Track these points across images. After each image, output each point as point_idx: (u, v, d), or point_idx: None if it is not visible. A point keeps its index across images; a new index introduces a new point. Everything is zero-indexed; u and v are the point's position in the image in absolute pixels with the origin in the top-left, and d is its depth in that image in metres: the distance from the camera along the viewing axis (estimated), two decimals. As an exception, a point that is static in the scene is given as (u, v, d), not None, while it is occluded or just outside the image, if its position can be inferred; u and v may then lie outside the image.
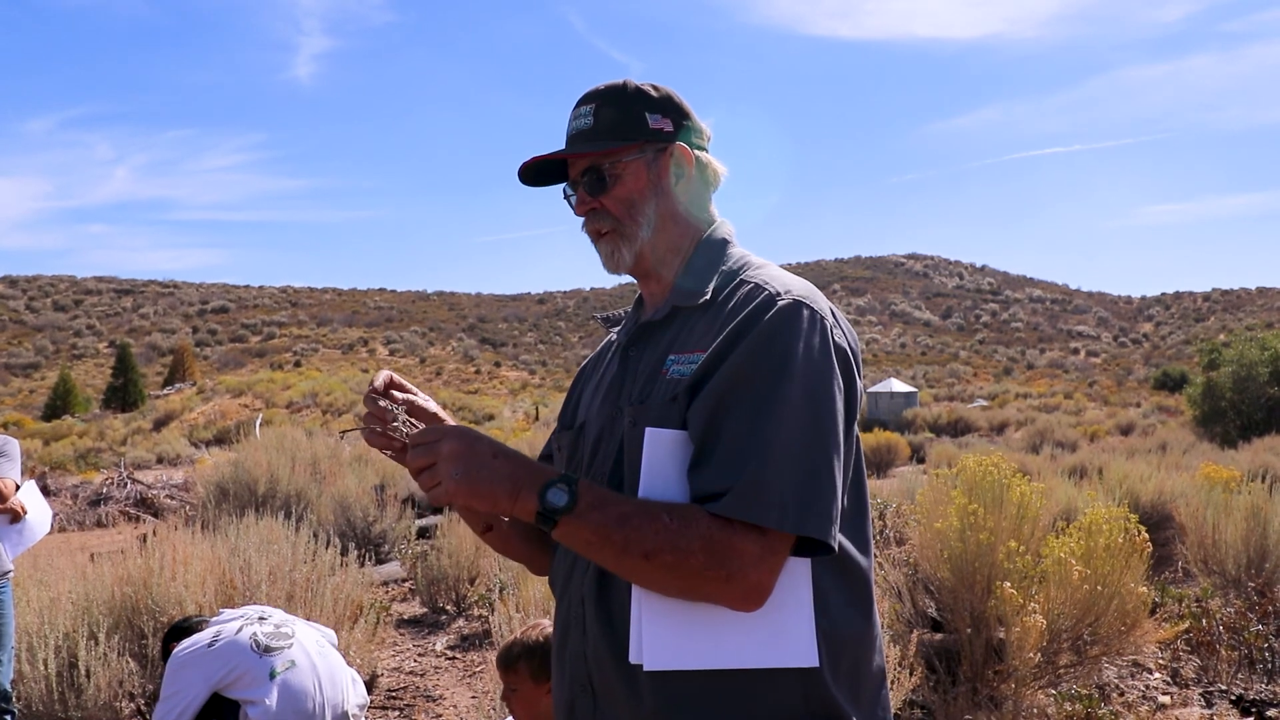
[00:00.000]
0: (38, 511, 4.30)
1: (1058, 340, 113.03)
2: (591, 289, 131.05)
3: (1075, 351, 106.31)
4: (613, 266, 1.55)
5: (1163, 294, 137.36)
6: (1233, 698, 4.62)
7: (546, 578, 1.67)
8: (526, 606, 4.64)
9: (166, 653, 3.61)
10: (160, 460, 25.27)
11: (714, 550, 1.25)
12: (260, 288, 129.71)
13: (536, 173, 1.57)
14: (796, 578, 1.32)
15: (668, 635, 1.30)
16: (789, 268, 1.54)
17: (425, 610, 6.91)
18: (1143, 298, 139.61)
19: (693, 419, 1.34)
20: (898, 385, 42.31)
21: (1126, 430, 30.90)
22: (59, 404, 47.29)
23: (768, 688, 1.33)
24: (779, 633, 1.30)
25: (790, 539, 1.28)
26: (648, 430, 1.35)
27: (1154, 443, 19.90)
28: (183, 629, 3.63)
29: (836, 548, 1.30)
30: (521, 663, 2.70)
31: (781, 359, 1.32)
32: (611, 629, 1.39)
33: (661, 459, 1.34)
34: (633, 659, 1.32)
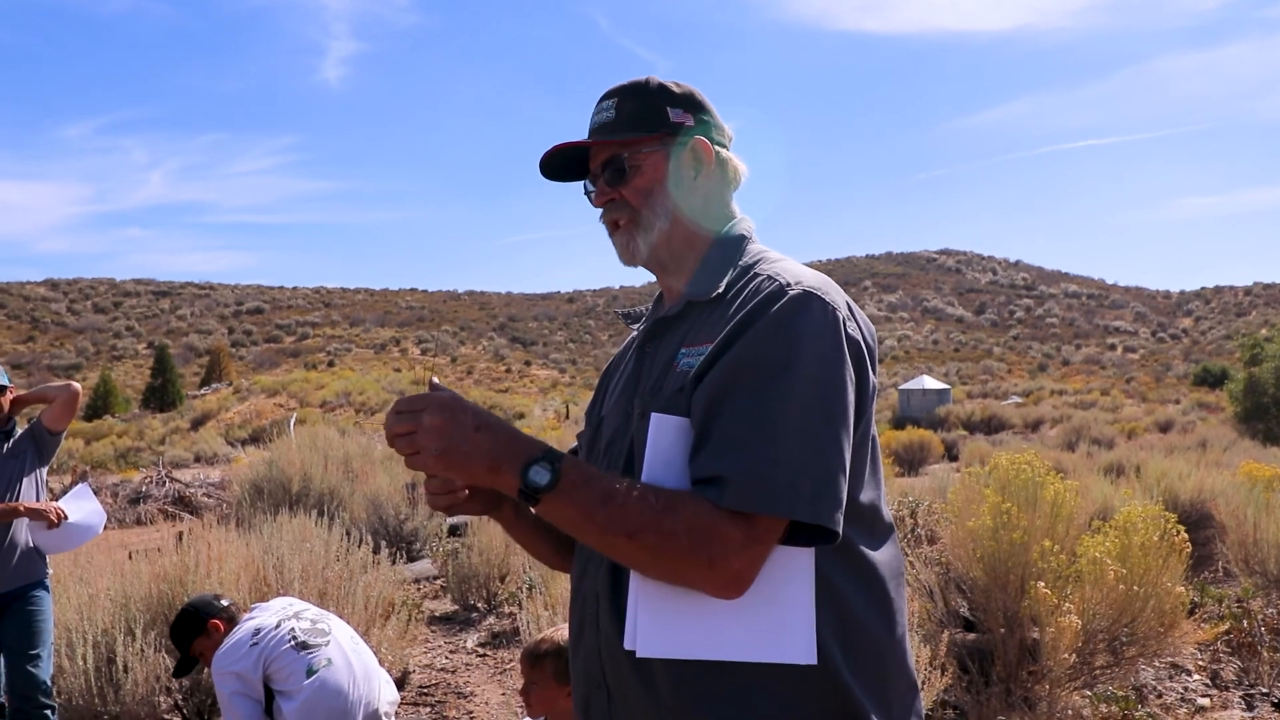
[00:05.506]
0: (87, 514, 4.36)
1: (1094, 336, 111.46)
2: (621, 287, 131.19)
3: (1112, 347, 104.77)
4: (628, 258, 1.55)
5: (1202, 288, 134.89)
6: (1275, 701, 4.52)
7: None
8: (555, 605, 4.66)
9: (180, 633, 3.63)
10: (198, 459, 25.66)
11: (697, 534, 1.23)
12: (294, 289, 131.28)
13: (559, 168, 1.58)
14: (798, 570, 1.30)
15: (662, 623, 1.29)
16: (818, 264, 1.52)
17: (456, 607, 6.95)
18: (1181, 292, 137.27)
19: (694, 405, 1.33)
20: (930, 382, 41.97)
21: (1165, 427, 30.42)
22: (100, 404, 48.18)
23: (786, 685, 1.31)
24: (776, 627, 1.28)
25: (778, 528, 1.26)
26: (653, 415, 1.35)
27: (1194, 440, 19.58)
28: (197, 613, 3.64)
29: (840, 536, 1.28)
30: (548, 660, 2.72)
31: (789, 348, 1.30)
32: (624, 624, 1.38)
33: (666, 445, 1.33)
34: (626, 645, 1.32)
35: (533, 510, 1.29)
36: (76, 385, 4.48)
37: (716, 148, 1.54)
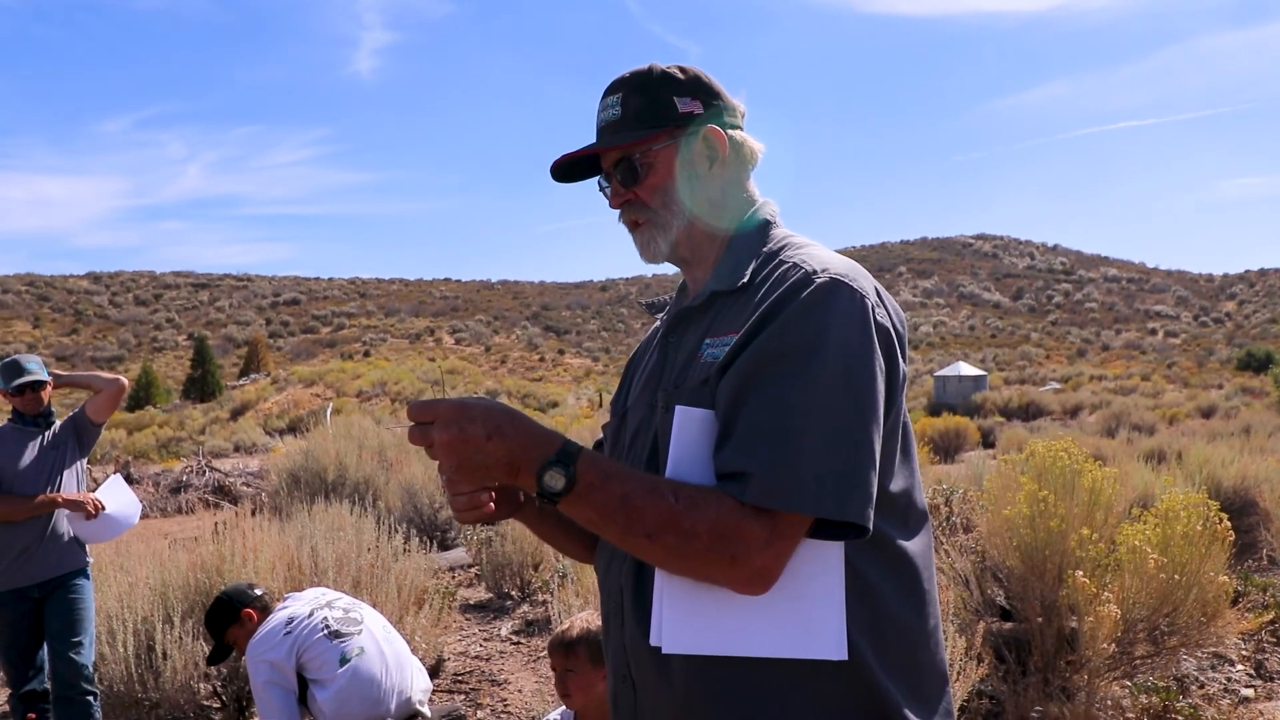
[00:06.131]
0: (123, 504, 4.42)
1: (1134, 321, 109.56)
2: (654, 275, 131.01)
3: (1153, 332, 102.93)
4: (649, 256, 1.52)
5: (1246, 271, 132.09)
6: (1322, 691, 4.42)
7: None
8: (586, 594, 4.66)
9: (214, 621, 3.67)
10: (237, 449, 26.02)
11: (719, 533, 1.20)
12: (330, 280, 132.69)
13: (569, 168, 1.54)
14: (827, 565, 1.27)
15: (688, 619, 1.27)
16: (852, 251, 1.49)
17: (491, 595, 6.99)
18: (1225, 275, 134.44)
19: (719, 396, 1.30)
20: (966, 369, 41.53)
21: (1208, 413, 29.82)
22: (141, 395, 49.05)
23: (809, 679, 1.28)
24: (805, 622, 1.25)
25: (804, 523, 1.23)
26: (677, 408, 1.31)
27: (1237, 425, 19.15)
28: (231, 602, 3.68)
29: (871, 530, 1.25)
30: (580, 646, 2.71)
31: (815, 337, 1.26)
32: (648, 620, 1.35)
33: (691, 439, 1.30)
34: (652, 641, 1.29)
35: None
36: (125, 380, 4.55)
37: (729, 132, 1.49)
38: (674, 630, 1.27)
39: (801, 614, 1.26)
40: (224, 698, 4.43)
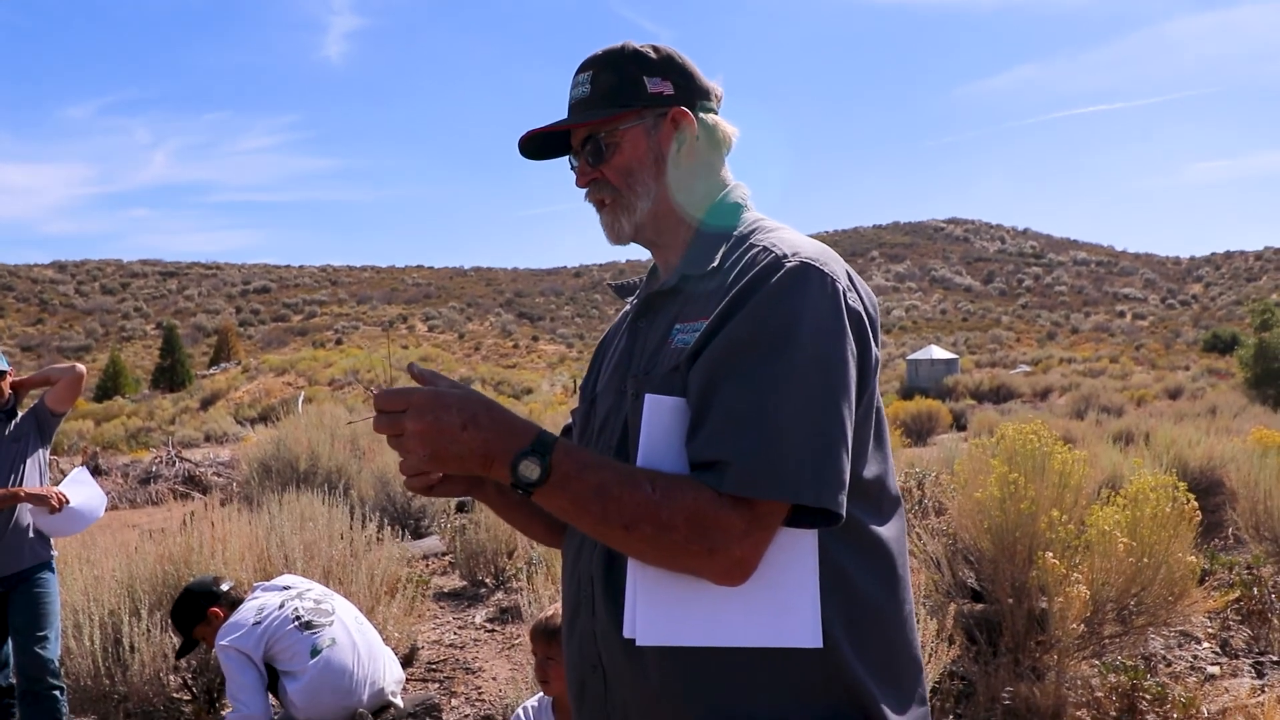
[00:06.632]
0: (88, 498, 4.35)
1: (1103, 303, 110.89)
2: (627, 261, 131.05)
3: (1121, 315, 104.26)
4: (614, 237, 1.50)
5: (1212, 254, 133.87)
6: (1285, 667, 4.50)
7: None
8: (559, 582, 4.65)
9: (180, 618, 3.63)
10: (208, 438, 25.75)
11: (696, 524, 1.19)
12: (300, 267, 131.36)
13: (540, 145, 1.52)
14: (801, 553, 1.26)
15: (662, 610, 1.25)
16: (825, 235, 1.47)
17: (464, 583, 6.97)
18: (1191, 258, 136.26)
19: (690, 384, 1.28)
20: (938, 352, 41.86)
21: (1175, 394, 30.32)
22: (110, 385, 48.46)
23: (782, 667, 1.27)
24: (780, 611, 1.24)
25: (781, 511, 1.22)
26: (647, 396, 1.30)
27: (1203, 406, 19.48)
28: (196, 601, 3.64)
29: (844, 517, 1.24)
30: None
31: (786, 322, 1.24)
32: (619, 609, 1.34)
33: (661, 427, 1.28)
34: (626, 633, 1.28)
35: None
36: (81, 367, 4.47)
37: (701, 115, 1.47)
38: (648, 622, 1.26)
39: (776, 603, 1.24)
40: (194, 690, 4.38)
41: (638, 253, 1.58)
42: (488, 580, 6.87)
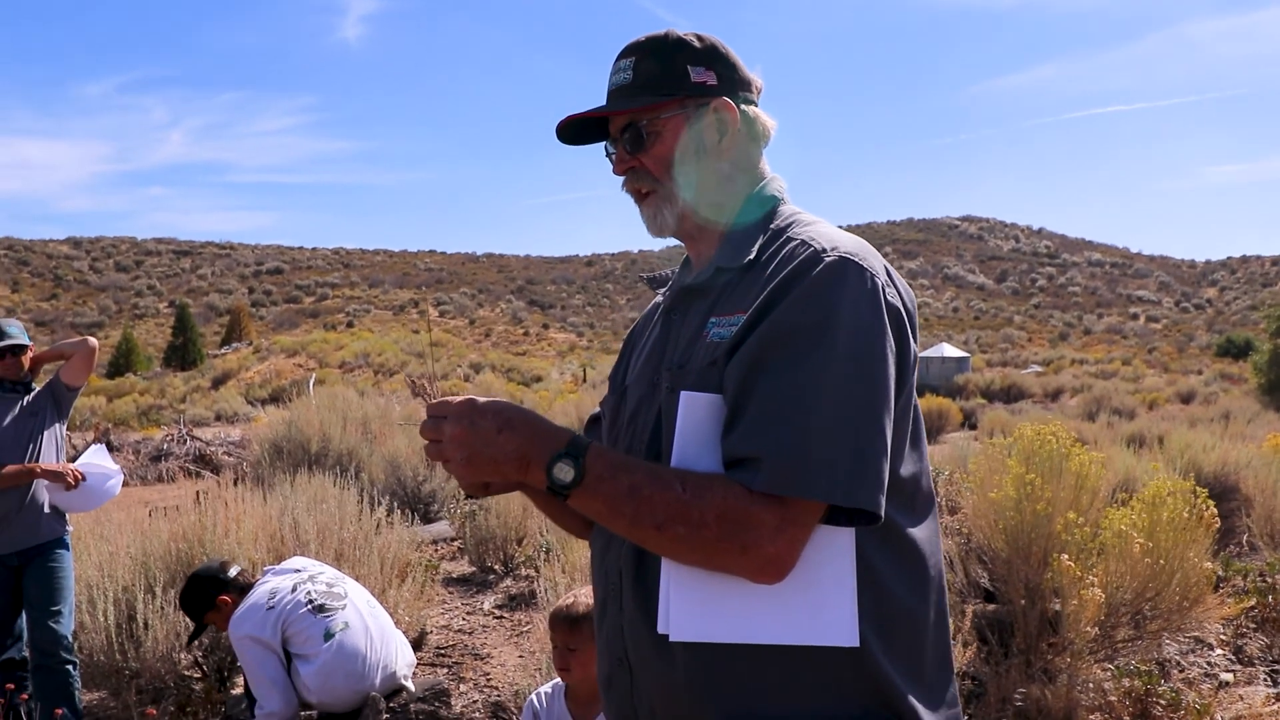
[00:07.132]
0: (104, 474, 4.37)
1: (1116, 305, 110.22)
2: (639, 251, 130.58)
3: (1135, 317, 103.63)
4: (655, 230, 1.48)
5: (1228, 257, 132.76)
6: (1298, 676, 4.47)
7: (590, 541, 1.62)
8: (572, 570, 4.64)
9: (189, 604, 3.64)
10: (218, 418, 25.84)
11: (729, 522, 1.18)
12: (313, 249, 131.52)
13: (578, 131, 1.50)
14: (838, 551, 1.24)
15: (696, 606, 1.25)
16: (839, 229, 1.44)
17: (474, 569, 6.97)
18: (1207, 261, 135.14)
19: (727, 380, 1.27)
20: (950, 350, 41.66)
21: (1187, 398, 30.10)
22: (122, 362, 48.66)
23: (810, 665, 1.26)
24: (816, 609, 1.23)
25: (817, 509, 1.20)
26: (682, 394, 1.29)
27: (1217, 411, 19.36)
28: (205, 588, 3.65)
29: (883, 517, 1.22)
30: (586, 623, 2.68)
31: (825, 318, 1.23)
32: (647, 603, 1.33)
33: (697, 424, 1.27)
34: (660, 629, 1.27)
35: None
36: (94, 340, 4.48)
37: (742, 106, 1.45)
38: (681, 617, 1.25)
39: (812, 601, 1.23)
40: (205, 668, 4.40)
41: (650, 243, 1.56)
42: (497, 567, 6.88)
